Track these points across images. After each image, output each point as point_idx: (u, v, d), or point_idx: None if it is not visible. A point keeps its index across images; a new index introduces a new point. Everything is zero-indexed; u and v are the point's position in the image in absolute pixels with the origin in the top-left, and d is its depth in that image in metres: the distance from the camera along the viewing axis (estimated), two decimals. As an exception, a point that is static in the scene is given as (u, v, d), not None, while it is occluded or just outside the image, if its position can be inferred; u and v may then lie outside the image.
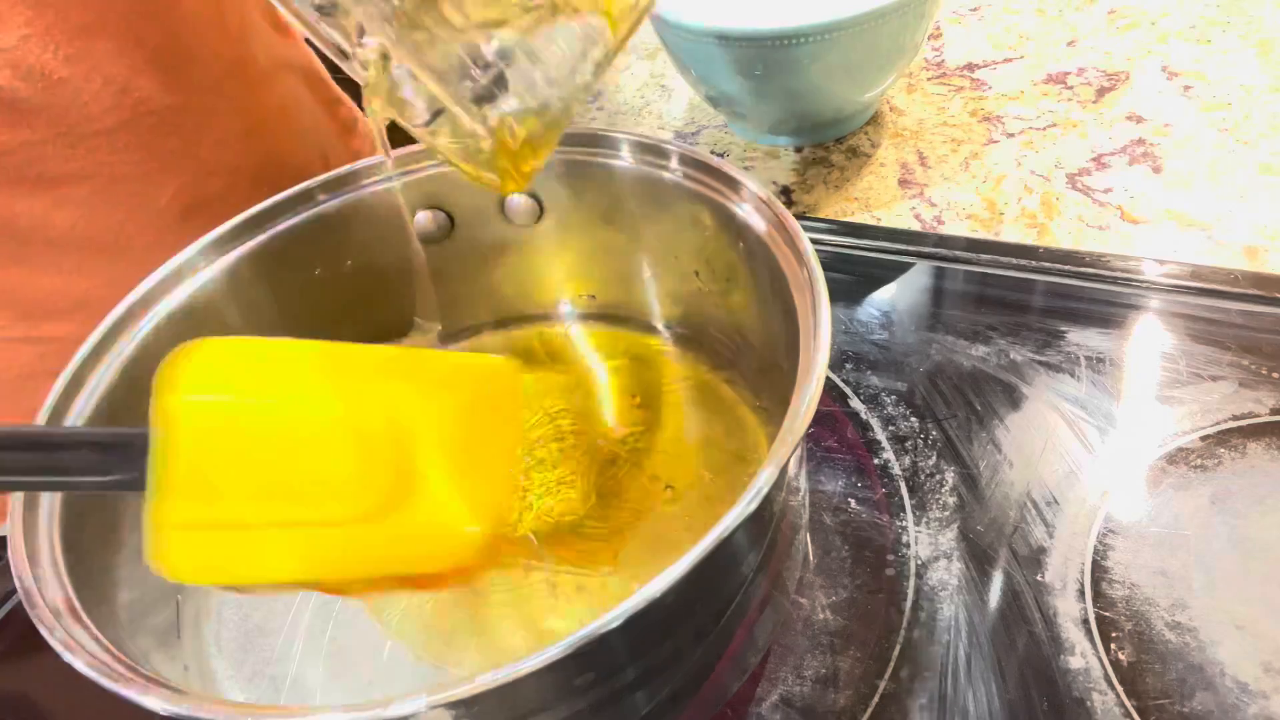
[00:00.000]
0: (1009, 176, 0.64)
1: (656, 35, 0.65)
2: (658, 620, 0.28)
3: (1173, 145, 0.63)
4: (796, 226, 0.36)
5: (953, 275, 0.57)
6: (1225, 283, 0.52)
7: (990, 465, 0.46)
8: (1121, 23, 0.77)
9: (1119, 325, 0.52)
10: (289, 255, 0.44)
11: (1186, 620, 0.39)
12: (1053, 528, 0.43)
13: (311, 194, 0.45)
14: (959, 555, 0.42)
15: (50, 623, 0.28)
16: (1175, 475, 0.44)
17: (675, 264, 0.45)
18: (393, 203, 0.45)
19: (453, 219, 0.46)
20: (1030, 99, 0.71)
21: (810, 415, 0.29)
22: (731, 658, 0.36)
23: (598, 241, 0.47)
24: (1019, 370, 0.50)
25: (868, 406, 0.50)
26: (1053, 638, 0.39)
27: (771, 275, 0.37)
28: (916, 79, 0.75)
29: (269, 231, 0.44)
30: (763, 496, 0.28)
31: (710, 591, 0.32)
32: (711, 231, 0.41)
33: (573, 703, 0.30)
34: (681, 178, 0.41)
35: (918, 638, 0.40)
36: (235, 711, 0.26)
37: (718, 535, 0.26)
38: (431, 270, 0.43)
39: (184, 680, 0.35)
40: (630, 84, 0.83)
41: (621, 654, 0.30)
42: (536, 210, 0.46)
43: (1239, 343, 0.49)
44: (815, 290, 0.34)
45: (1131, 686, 0.37)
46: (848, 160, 0.69)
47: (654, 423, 0.45)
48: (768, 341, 0.40)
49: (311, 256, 0.45)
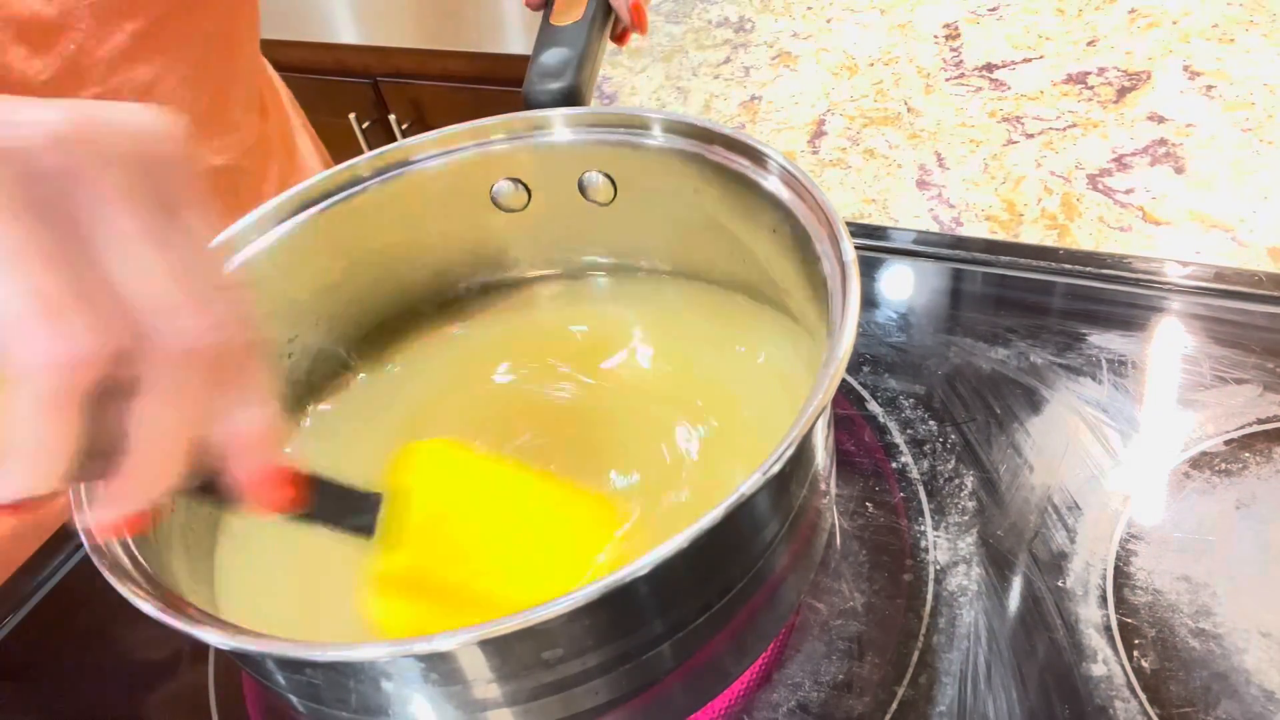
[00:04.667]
0: (1028, 177, 0.63)
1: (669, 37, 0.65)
2: (677, 575, 0.30)
3: (1195, 145, 0.63)
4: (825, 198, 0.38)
5: (971, 277, 0.56)
6: (1249, 285, 0.51)
7: (1010, 469, 0.45)
8: (1142, 22, 0.76)
9: (1141, 328, 0.51)
10: (339, 231, 0.46)
11: (1211, 627, 0.38)
12: (1074, 533, 0.42)
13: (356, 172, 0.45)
14: (978, 560, 0.42)
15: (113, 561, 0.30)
16: (1199, 480, 0.43)
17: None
18: (443, 180, 0.46)
19: (529, 191, 0.48)
20: (1050, 99, 0.70)
21: (849, 347, 0.31)
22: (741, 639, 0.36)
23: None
24: (1039, 373, 0.49)
25: (885, 410, 0.49)
26: (1074, 644, 0.39)
27: (798, 237, 0.39)
28: (935, 80, 0.75)
29: (319, 207, 0.45)
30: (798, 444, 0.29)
31: (732, 552, 0.32)
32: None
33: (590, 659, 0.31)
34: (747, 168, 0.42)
35: (937, 644, 0.39)
36: (288, 646, 0.28)
37: (766, 468, 0.28)
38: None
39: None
40: (646, 86, 0.83)
41: (647, 608, 0.31)
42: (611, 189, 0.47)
43: (1263, 345, 0.48)
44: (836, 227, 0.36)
45: (1155, 694, 0.37)
46: (865, 161, 0.68)
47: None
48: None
49: (356, 234, 0.46)
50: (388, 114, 1.35)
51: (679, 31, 0.89)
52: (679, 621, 0.32)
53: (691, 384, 0.45)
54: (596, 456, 0.43)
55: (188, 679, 0.43)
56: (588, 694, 0.32)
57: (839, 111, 0.74)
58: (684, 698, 0.36)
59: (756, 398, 0.44)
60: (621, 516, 0.40)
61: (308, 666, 0.30)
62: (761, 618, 0.37)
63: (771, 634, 0.39)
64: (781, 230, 0.40)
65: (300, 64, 1.37)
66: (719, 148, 0.42)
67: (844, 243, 0.35)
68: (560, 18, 0.48)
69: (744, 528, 0.32)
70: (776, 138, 0.73)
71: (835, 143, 0.71)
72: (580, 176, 0.46)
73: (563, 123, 0.45)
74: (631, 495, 0.41)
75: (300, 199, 0.44)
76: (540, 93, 0.46)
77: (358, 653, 0.27)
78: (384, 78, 1.34)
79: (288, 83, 0.75)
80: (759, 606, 0.35)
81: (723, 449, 0.42)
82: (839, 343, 0.31)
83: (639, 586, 0.27)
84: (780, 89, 0.78)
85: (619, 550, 0.38)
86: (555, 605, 0.26)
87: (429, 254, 0.49)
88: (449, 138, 0.46)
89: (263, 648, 0.29)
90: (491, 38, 1.22)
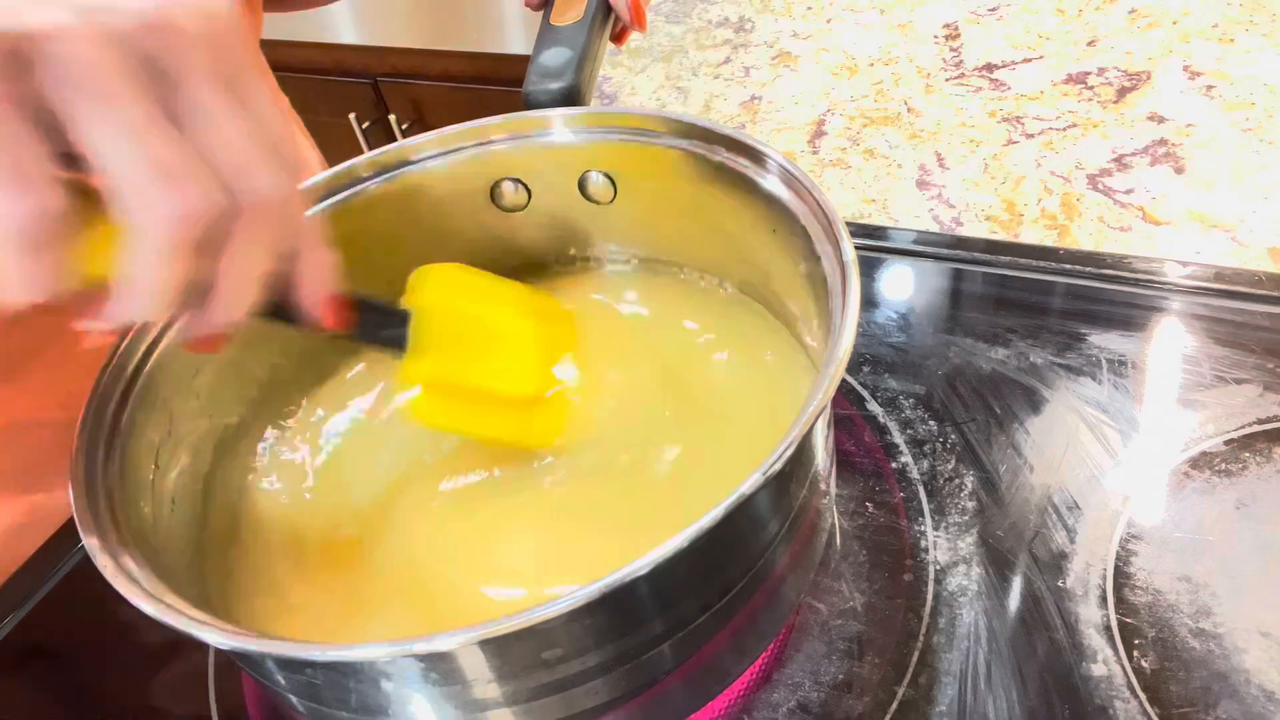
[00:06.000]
0: (1028, 177, 0.63)
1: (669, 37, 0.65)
2: (677, 575, 0.30)
3: (1195, 145, 0.63)
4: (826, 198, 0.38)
5: (971, 277, 0.56)
6: (1249, 285, 0.51)
7: (1010, 469, 0.45)
8: (1142, 22, 0.76)
9: (1141, 328, 0.51)
10: (339, 231, 0.45)
11: (1211, 627, 0.38)
12: (1074, 533, 0.42)
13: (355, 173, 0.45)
14: (978, 560, 0.42)
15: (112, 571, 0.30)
16: (1199, 480, 0.43)
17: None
18: (444, 181, 0.47)
19: (529, 191, 0.48)
20: (1050, 99, 0.70)
21: (849, 344, 0.31)
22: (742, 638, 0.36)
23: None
24: (1039, 373, 0.49)
25: (885, 410, 0.49)
26: (1074, 644, 0.39)
27: (798, 237, 0.40)
28: (935, 80, 0.75)
29: (319, 207, 0.45)
30: (797, 445, 0.29)
31: (732, 551, 0.32)
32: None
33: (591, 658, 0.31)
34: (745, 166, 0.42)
35: (937, 644, 0.39)
36: (288, 646, 0.28)
37: (769, 463, 0.28)
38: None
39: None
40: (646, 86, 0.83)
41: (647, 608, 0.31)
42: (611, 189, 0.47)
43: (1263, 345, 0.48)
44: (836, 228, 0.36)
45: (1155, 694, 0.37)
46: (865, 161, 0.68)
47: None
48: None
49: (356, 234, 0.46)
50: (388, 114, 1.35)
51: (679, 31, 0.89)
52: (679, 621, 0.32)
53: (691, 383, 0.45)
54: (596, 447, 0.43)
55: (187, 679, 0.43)
56: (588, 694, 0.32)
57: (839, 111, 0.74)
58: (684, 698, 0.36)
59: (756, 397, 0.44)
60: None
61: (308, 666, 0.30)
62: (761, 618, 0.37)
63: (771, 634, 0.39)
64: (781, 230, 0.40)
65: (300, 64, 1.37)
66: (719, 148, 0.42)
67: (844, 243, 0.35)
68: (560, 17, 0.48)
69: (744, 527, 0.32)
70: (776, 138, 0.73)
71: (835, 143, 0.71)
72: (580, 176, 0.46)
73: (563, 123, 0.45)
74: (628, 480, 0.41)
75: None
76: (540, 93, 0.46)
77: (358, 653, 0.27)
78: (384, 78, 1.34)
79: (289, 83, 0.75)
80: (759, 606, 0.35)
81: (722, 449, 0.42)
82: (839, 343, 0.31)
83: (639, 586, 0.27)
84: (780, 89, 0.78)
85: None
86: (555, 605, 0.26)
87: (429, 254, 0.49)
88: (449, 138, 0.46)
89: (263, 648, 0.29)
90: (491, 38, 1.22)
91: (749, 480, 0.28)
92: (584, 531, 0.40)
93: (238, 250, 0.27)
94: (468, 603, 0.38)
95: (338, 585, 0.39)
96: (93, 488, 0.33)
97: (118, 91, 0.25)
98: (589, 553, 0.39)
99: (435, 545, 0.40)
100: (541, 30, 0.48)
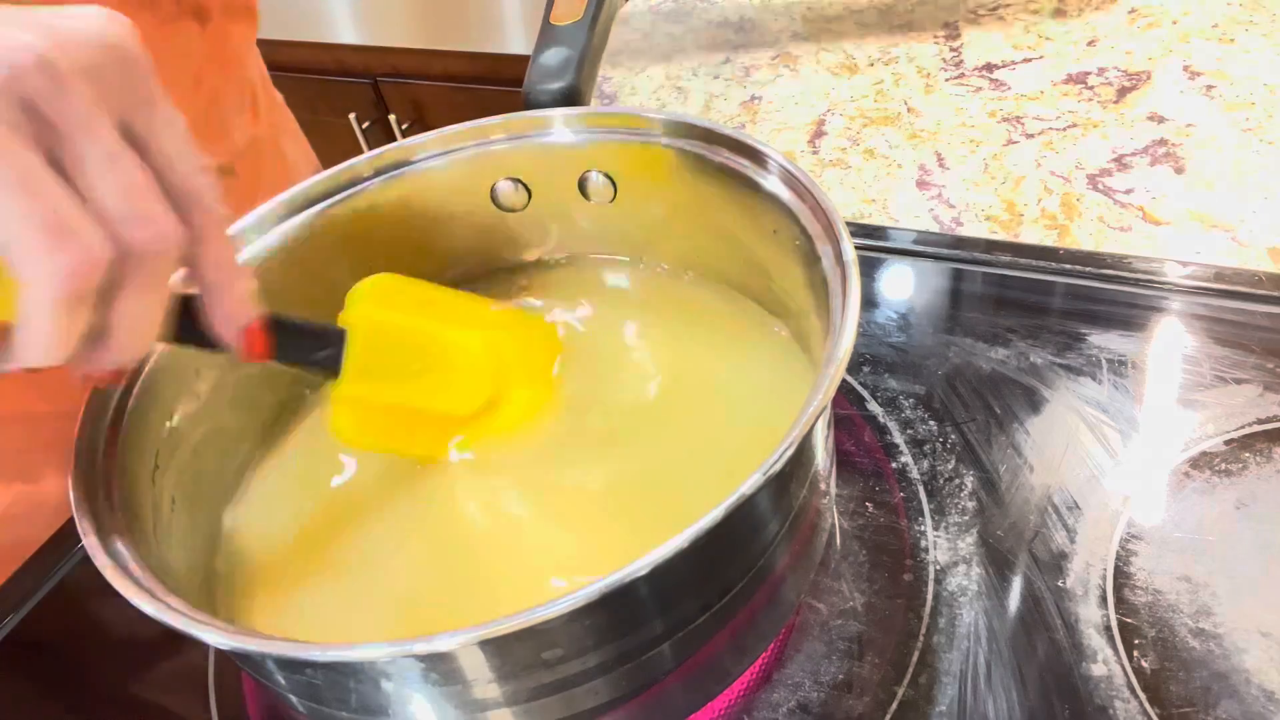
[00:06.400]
0: (1028, 177, 0.63)
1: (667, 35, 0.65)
2: (678, 575, 0.30)
3: (1195, 145, 0.63)
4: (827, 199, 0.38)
5: (971, 277, 0.56)
6: (1249, 285, 0.51)
7: (1010, 469, 0.45)
8: (1142, 22, 0.76)
9: (1141, 328, 0.51)
10: (339, 231, 0.46)
11: (1211, 627, 0.38)
12: (1074, 533, 0.42)
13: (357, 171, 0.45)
14: (978, 560, 0.42)
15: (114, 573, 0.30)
16: (1199, 480, 0.43)
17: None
18: (444, 180, 0.47)
19: (529, 191, 0.48)
20: (1050, 99, 0.70)
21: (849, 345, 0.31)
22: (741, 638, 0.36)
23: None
24: (1039, 373, 0.49)
25: (885, 410, 0.49)
26: (1074, 644, 0.39)
27: (798, 237, 0.40)
28: (934, 80, 0.75)
29: (319, 207, 0.45)
30: (798, 444, 0.29)
31: (732, 551, 0.32)
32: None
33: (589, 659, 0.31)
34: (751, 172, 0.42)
35: (937, 644, 0.39)
36: (288, 646, 0.28)
37: (766, 467, 0.28)
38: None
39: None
40: (646, 86, 0.83)
41: (647, 608, 0.31)
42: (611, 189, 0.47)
43: (1263, 345, 0.48)
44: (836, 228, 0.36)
45: (1155, 694, 0.37)
46: (865, 161, 0.68)
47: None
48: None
49: (356, 234, 0.46)
50: (388, 114, 1.35)
51: (679, 31, 0.89)
52: (679, 621, 0.32)
53: (691, 383, 0.45)
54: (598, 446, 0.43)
55: (187, 679, 0.43)
56: (588, 694, 0.32)
57: (839, 111, 0.74)
58: (684, 698, 0.36)
59: (756, 397, 0.44)
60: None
61: (308, 666, 0.30)
62: (761, 618, 0.37)
63: (771, 634, 0.39)
64: (782, 230, 0.40)
65: (300, 64, 1.37)
66: (719, 148, 0.42)
67: (844, 243, 0.35)
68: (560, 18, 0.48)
69: (744, 527, 0.32)
70: (776, 138, 0.73)
71: (835, 143, 0.71)
72: (580, 176, 0.46)
73: (563, 123, 0.45)
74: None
75: (300, 199, 0.44)
76: (540, 93, 0.47)
77: (358, 653, 0.27)
78: (384, 78, 1.34)
79: (289, 83, 0.75)
80: (759, 606, 0.35)
81: (722, 449, 0.42)
82: (839, 343, 0.31)
83: (639, 586, 0.27)
84: (780, 89, 0.78)
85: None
86: (555, 605, 0.26)
87: (429, 254, 0.49)
88: (449, 138, 0.46)
89: (263, 648, 0.29)
90: (491, 38, 1.22)
91: (749, 480, 0.28)
92: (583, 532, 0.40)
93: (129, 296, 0.27)
94: (467, 603, 0.38)
95: (338, 585, 0.40)
96: (93, 487, 0.33)
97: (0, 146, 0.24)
98: (589, 553, 0.39)
99: (436, 545, 0.40)
100: (542, 30, 0.48)
